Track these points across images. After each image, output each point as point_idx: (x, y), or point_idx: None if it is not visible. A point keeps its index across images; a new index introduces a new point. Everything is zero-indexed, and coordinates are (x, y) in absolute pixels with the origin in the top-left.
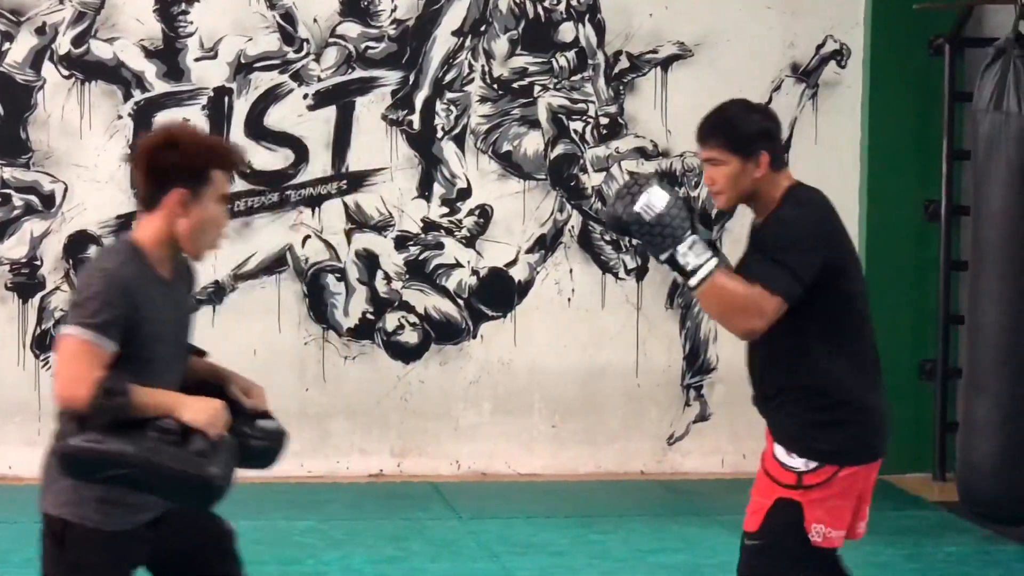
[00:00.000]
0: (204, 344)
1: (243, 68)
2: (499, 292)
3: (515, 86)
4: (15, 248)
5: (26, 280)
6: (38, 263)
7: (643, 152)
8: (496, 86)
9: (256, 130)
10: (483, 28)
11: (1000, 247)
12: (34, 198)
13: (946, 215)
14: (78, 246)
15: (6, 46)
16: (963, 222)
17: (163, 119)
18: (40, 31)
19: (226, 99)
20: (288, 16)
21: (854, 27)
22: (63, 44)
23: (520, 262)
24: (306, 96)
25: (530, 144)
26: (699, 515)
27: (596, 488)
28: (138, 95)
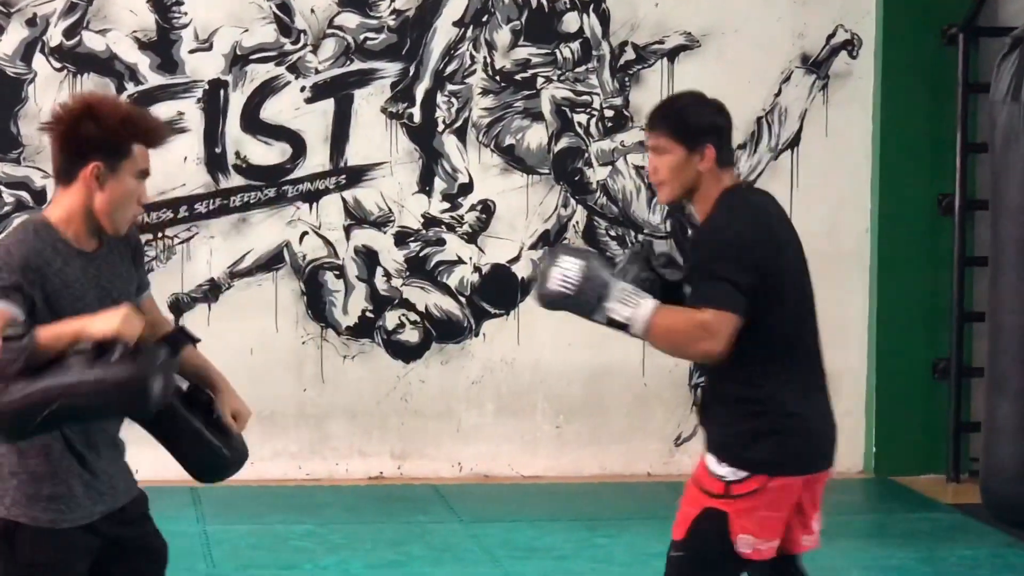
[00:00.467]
0: (199, 344)
1: (239, 60)
2: (502, 289)
3: (518, 78)
4: None
5: None
6: None
7: None
8: (498, 78)
9: (252, 124)
10: (485, 18)
11: (1022, 244)
12: (25, 194)
13: (960, 209)
14: None
15: None
16: (977, 216)
17: (158, 113)
18: (31, 23)
19: (221, 92)
20: (285, 6)
21: (865, 16)
22: (54, 36)
23: (523, 259)
24: (303, 89)
25: (533, 137)
26: None
27: (601, 490)
28: (131, 88)
